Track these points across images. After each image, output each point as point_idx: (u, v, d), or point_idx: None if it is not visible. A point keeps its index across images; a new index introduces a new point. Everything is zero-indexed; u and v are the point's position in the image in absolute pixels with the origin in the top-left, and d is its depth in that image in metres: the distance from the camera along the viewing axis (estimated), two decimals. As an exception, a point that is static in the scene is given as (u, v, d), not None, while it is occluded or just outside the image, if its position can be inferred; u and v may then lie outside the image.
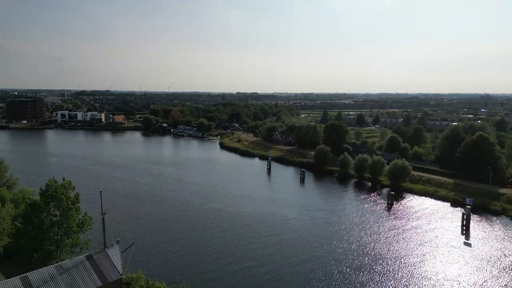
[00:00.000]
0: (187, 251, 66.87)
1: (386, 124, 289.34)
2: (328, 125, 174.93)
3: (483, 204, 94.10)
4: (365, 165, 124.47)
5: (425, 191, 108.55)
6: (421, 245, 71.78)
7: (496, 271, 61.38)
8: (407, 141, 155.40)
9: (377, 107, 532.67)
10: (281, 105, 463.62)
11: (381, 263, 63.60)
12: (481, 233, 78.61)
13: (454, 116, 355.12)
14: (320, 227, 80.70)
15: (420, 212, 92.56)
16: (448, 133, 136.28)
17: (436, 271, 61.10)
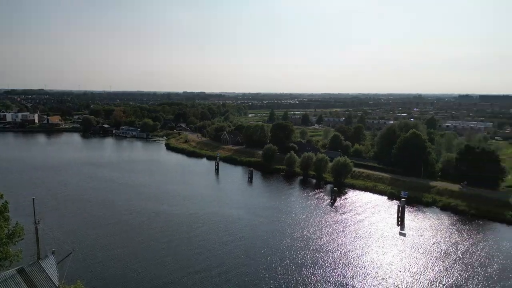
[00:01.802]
0: (132, 258, 64.27)
1: (329, 123, 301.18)
2: (275, 124, 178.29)
3: (416, 196, 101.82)
4: (310, 163, 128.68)
5: (365, 186, 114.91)
6: (360, 237, 75.90)
7: (427, 257, 66.79)
8: (349, 139, 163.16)
9: (321, 107, 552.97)
10: (229, 105, 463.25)
11: (323, 257, 66.23)
12: (415, 223, 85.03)
13: (391, 115, 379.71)
14: (267, 225, 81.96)
15: (361, 206, 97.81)
16: (385, 131, 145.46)
17: (373, 261, 65.01)
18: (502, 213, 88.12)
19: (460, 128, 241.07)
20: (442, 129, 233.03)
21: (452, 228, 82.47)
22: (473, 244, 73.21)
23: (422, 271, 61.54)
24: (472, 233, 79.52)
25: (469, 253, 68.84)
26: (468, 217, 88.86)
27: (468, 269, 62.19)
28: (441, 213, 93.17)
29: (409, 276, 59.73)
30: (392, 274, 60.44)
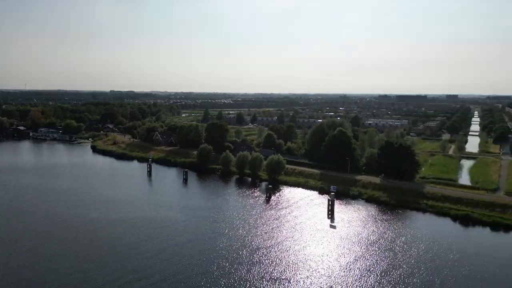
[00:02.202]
0: (57, 272, 58.97)
1: (263, 122, 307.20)
2: (210, 124, 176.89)
3: (344, 190, 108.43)
4: (245, 161, 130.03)
5: (298, 182, 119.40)
6: (294, 231, 78.70)
7: (355, 247, 71.51)
8: (282, 137, 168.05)
9: (255, 107, 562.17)
10: (160, 104, 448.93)
11: (259, 253, 67.44)
12: (344, 216, 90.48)
13: (319, 114, 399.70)
14: (203, 226, 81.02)
15: (294, 202, 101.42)
16: (314, 129, 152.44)
17: (306, 254, 67.86)
18: (418, 202, 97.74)
19: (381, 126, 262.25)
20: (365, 126, 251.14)
21: (376, 218, 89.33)
22: (393, 231, 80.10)
23: (351, 260, 65.73)
24: (393, 222, 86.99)
25: (390, 240, 75.16)
26: (389, 207, 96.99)
27: (390, 255, 67.90)
28: (366, 204, 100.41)
29: (339, 266, 63.41)
30: (324, 265, 63.60)
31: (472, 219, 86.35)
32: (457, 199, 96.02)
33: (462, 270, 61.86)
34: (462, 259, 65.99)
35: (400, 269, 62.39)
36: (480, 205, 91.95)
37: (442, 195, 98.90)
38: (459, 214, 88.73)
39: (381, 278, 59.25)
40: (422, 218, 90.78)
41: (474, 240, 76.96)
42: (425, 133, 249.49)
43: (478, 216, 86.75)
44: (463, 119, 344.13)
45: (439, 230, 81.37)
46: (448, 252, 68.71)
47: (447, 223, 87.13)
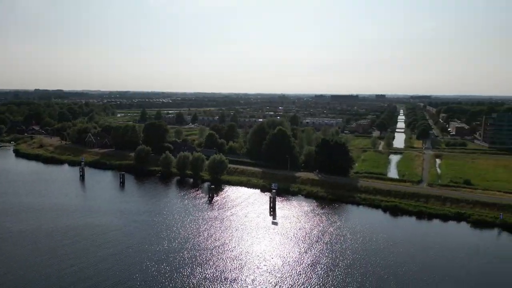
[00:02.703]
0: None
1: (204, 122, 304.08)
2: (148, 124, 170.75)
3: (285, 187, 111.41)
4: (186, 162, 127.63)
5: (240, 181, 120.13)
6: (237, 230, 79.09)
7: (295, 241, 73.88)
8: (223, 137, 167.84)
9: (195, 106, 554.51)
10: (93, 104, 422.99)
11: (202, 255, 66.74)
12: (285, 212, 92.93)
13: (260, 113, 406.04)
14: (143, 231, 78.01)
15: (237, 201, 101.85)
16: (255, 129, 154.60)
17: (248, 251, 68.62)
18: (353, 196, 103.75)
19: (317, 124, 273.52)
20: (303, 125, 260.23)
21: (315, 212, 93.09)
22: (331, 224, 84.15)
23: (291, 254, 67.77)
24: (330, 215, 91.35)
25: (328, 232, 78.86)
26: (327, 202, 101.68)
27: (327, 247, 71.22)
28: (306, 200, 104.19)
29: (282, 261, 65.01)
30: (266, 262, 64.77)
31: (400, 210, 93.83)
32: (386, 191, 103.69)
33: (391, 257, 66.94)
34: (392, 246, 71.43)
35: (336, 259, 65.71)
36: (406, 196, 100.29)
37: (373, 188, 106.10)
38: (389, 205, 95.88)
39: (321, 270, 61.91)
40: (356, 210, 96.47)
41: (402, 229, 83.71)
42: (357, 130, 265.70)
43: (405, 207, 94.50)
44: (390, 117, 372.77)
45: (372, 221, 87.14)
46: (380, 241, 73.92)
47: (378, 214, 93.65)
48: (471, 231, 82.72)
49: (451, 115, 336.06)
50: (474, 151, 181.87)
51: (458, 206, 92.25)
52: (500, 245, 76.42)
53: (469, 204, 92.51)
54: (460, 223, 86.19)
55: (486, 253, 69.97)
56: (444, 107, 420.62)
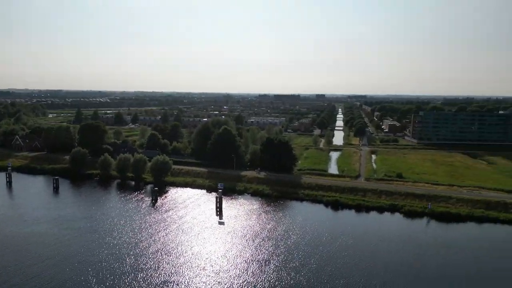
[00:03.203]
0: None
1: (145, 122, 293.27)
2: (84, 125, 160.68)
3: (231, 186, 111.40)
4: (127, 164, 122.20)
5: (185, 182, 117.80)
6: (182, 232, 77.53)
7: (242, 240, 74.31)
8: (167, 137, 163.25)
9: (136, 106, 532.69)
10: (20, 104, 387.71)
11: (145, 260, 64.49)
12: (231, 211, 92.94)
13: (204, 112, 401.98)
14: (80, 238, 73.29)
15: (182, 202, 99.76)
16: (200, 128, 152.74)
17: (194, 253, 67.66)
18: (296, 192, 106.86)
19: (262, 123, 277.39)
20: (247, 124, 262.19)
21: (260, 210, 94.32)
22: (276, 221, 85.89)
23: (238, 253, 68.01)
24: (276, 212, 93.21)
25: (273, 229, 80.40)
26: (272, 199, 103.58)
27: (273, 244, 72.59)
28: (252, 198, 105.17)
29: (227, 261, 64.96)
30: (212, 262, 64.28)
31: (340, 204, 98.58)
32: (328, 187, 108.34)
33: (334, 249, 70.10)
34: (332, 239, 74.83)
35: (282, 255, 67.27)
36: (346, 190, 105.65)
37: (316, 184, 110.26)
38: (330, 200, 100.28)
39: (267, 267, 62.89)
40: (300, 206, 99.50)
41: (342, 221, 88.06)
42: (300, 129, 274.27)
43: (345, 201, 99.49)
44: (330, 116, 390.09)
45: (315, 216, 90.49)
46: (322, 234, 77.04)
47: (320, 208, 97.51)
48: (404, 221, 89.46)
49: (384, 114, 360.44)
50: (405, 146, 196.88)
51: (392, 198, 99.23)
52: (429, 233, 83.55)
53: (401, 196, 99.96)
54: (394, 214, 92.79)
55: (417, 240, 76.14)
56: (378, 106, 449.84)
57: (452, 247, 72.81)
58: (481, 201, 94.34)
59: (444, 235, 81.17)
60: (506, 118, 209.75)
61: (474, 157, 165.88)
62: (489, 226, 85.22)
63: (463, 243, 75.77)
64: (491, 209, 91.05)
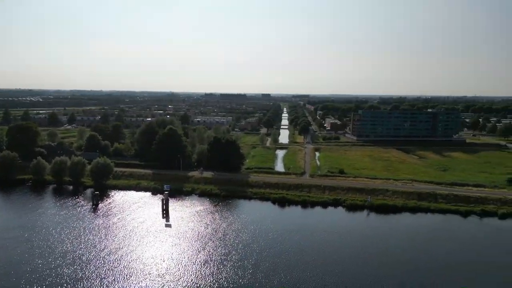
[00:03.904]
0: None
1: (83, 122, 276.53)
2: (13, 126, 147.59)
3: (178, 187, 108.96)
4: (64, 168, 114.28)
5: (129, 185, 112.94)
6: (125, 238, 74.33)
7: (190, 242, 73.09)
8: (107, 138, 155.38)
9: (72, 105, 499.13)
10: None
11: (84, 268, 60.98)
12: (179, 213, 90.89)
13: (148, 112, 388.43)
14: (11, 249, 67.12)
15: (126, 206, 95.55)
16: (144, 128, 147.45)
17: (138, 258, 65.27)
18: (245, 191, 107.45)
19: (208, 123, 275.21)
20: (194, 124, 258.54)
21: (209, 211, 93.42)
22: (224, 221, 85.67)
23: (185, 255, 66.83)
24: (224, 212, 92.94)
25: (222, 229, 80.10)
26: (221, 199, 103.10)
27: (221, 243, 72.32)
28: (200, 199, 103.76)
29: (173, 263, 63.48)
30: (158, 266, 62.45)
31: (287, 200, 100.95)
32: (275, 184, 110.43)
33: (280, 245, 71.61)
34: (279, 235, 76.46)
35: (230, 254, 67.30)
36: (292, 187, 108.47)
37: (263, 182, 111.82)
38: (277, 197, 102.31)
39: (214, 266, 62.51)
40: (248, 205, 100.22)
41: (289, 218, 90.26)
42: (246, 128, 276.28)
43: (291, 197, 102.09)
44: (275, 115, 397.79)
45: (263, 213, 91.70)
46: (269, 232, 78.35)
47: (268, 206, 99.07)
48: (346, 214, 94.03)
49: (326, 113, 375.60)
50: (345, 143, 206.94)
51: (335, 193, 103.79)
52: (368, 224, 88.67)
53: (343, 191, 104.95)
54: (337, 208, 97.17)
55: (358, 232, 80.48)
56: (320, 105, 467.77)
57: (390, 236, 78.03)
58: (414, 193, 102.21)
59: (382, 225, 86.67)
60: (434, 116, 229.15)
61: (407, 152, 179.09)
62: (421, 215, 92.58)
63: (399, 232, 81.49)
64: (422, 200, 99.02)
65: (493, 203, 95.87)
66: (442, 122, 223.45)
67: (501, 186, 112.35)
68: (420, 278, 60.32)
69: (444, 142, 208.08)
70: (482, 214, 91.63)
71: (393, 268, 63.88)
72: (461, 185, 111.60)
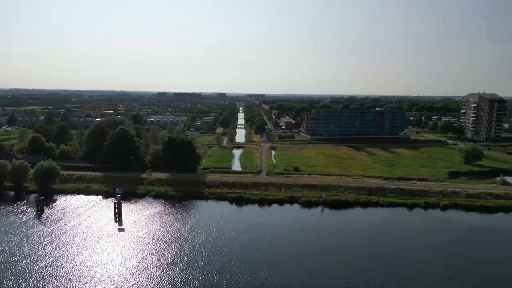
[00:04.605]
0: None
1: (25, 123, 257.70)
2: None
3: (131, 190, 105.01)
4: (4, 172, 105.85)
5: (78, 189, 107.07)
6: (73, 244, 70.41)
7: (144, 246, 70.77)
8: (52, 140, 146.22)
9: (12, 105, 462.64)
10: None
11: (27, 280, 56.96)
12: (132, 217, 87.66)
13: (97, 112, 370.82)
14: None
15: (74, 211, 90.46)
16: (93, 129, 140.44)
17: (89, 265, 62.14)
18: (201, 191, 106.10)
19: (162, 122, 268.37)
20: (147, 124, 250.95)
21: (164, 213, 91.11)
22: (180, 222, 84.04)
23: (139, 260, 64.63)
24: (180, 213, 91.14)
25: (178, 231, 78.49)
26: (177, 200, 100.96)
27: (177, 246, 70.84)
28: (155, 201, 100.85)
29: (126, 268, 61.18)
30: (109, 272, 59.86)
31: (244, 199, 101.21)
32: (232, 183, 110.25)
33: (237, 244, 71.57)
34: (237, 234, 76.49)
35: (186, 256, 66.14)
36: (249, 186, 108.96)
37: (220, 182, 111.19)
38: (234, 196, 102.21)
39: (168, 270, 61.10)
40: (205, 205, 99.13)
41: (246, 217, 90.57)
42: (202, 127, 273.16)
43: (248, 196, 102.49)
44: (231, 114, 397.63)
45: (219, 213, 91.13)
46: (226, 231, 78.10)
47: (225, 206, 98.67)
48: (302, 211, 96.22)
49: (281, 112, 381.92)
50: (300, 142, 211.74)
51: (291, 191, 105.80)
52: (323, 220, 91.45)
53: (299, 188, 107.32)
54: (293, 205, 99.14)
55: (313, 227, 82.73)
56: (276, 104, 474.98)
57: (343, 231, 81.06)
58: (365, 188, 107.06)
59: (336, 221, 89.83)
60: (382, 114, 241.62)
61: (358, 149, 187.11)
62: (371, 209, 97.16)
63: (351, 226, 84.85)
64: (372, 194, 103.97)
65: (435, 195, 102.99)
66: (389, 120, 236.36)
67: (442, 179, 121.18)
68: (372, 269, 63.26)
69: (391, 139, 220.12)
70: (426, 206, 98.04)
71: (348, 262, 66.31)
72: (407, 179, 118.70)
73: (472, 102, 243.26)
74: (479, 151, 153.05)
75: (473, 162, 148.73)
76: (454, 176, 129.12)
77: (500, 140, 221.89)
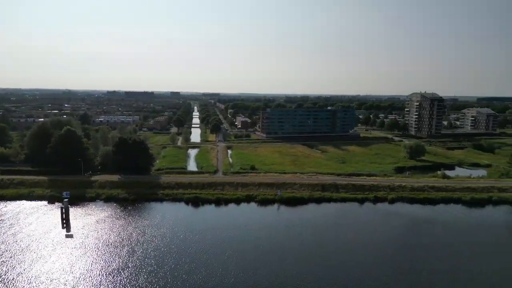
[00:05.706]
0: None
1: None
2: None
3: (80, 194, 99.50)
4: None
5: (19, 195, 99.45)
6: (16, 253, 65.52)
7: (95, 253, 67.46)
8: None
9: None
10: None
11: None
12: (81, 221, 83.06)
13: (40, 112, 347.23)
14: None
15: (16, 218, 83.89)
16: (36, 130, 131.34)
17: (32, 276, 58.16)
18: (156, 193, 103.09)
19: (113, 122, 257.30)
20: (96, 124, 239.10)
21: (115, 216, 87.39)
22: (133, 226, 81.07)
23: (88, 267, 61.56)
24: (133, 216, 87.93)
25: (130, 235, 75.66)
26: (129, 203, 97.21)
27: (129, 250, 68.33)
28: (106, 205, 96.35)
29: (73, 277, 58.09)
30: (54, 281, 56.55)
31: (200, 200, 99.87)
32: (188, 184, 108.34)
33: (193, 246, 70.50)
34: (192, 235, 75.42)
35: (138, 260, 64.05)
36: (206, 186, 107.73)
37: (175, 183, 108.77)
38: (190, 197, 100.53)
39: (119, 275, 58.84)
40: (159, 207, 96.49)
41: (202, 217, 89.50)
42: (156, 127, 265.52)
43: (205, 196, 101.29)
44: (186, 113, 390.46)
45: (175, 215, 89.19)
46: (180, 232, 76.63)
47: (181, 207, 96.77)
48: (258, 209, 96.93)
49: (237, 111, 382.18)
50: (256, 141, 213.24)
51: (247, 189, 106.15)
52: (279, 217, 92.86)
53: (255, 187, 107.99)
54: (250, 204, 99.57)
55: (269, 224, 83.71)
56: (231, 103, 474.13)
57: (298, 226, 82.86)
58: (318, 185, 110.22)
59: (291, 217, 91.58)
60: (333, 113, 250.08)
61: (311, 147, 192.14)
62: (325, 205, 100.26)
63: (306, 222, 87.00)
64: (326, 191, 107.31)
65: (383, 190, 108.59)
66: (340, 119, 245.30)
67: (390, 175, 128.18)
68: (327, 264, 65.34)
69: (342, 137, 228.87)
70: (375, 200, 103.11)
71: (303, 258, 67.85)
72: (357, 175, 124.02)
73: (415, 101, 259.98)
74: (421, 147, 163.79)
75: (416, 158, 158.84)
76: (400, 171, 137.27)
77: (440, 136, 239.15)
